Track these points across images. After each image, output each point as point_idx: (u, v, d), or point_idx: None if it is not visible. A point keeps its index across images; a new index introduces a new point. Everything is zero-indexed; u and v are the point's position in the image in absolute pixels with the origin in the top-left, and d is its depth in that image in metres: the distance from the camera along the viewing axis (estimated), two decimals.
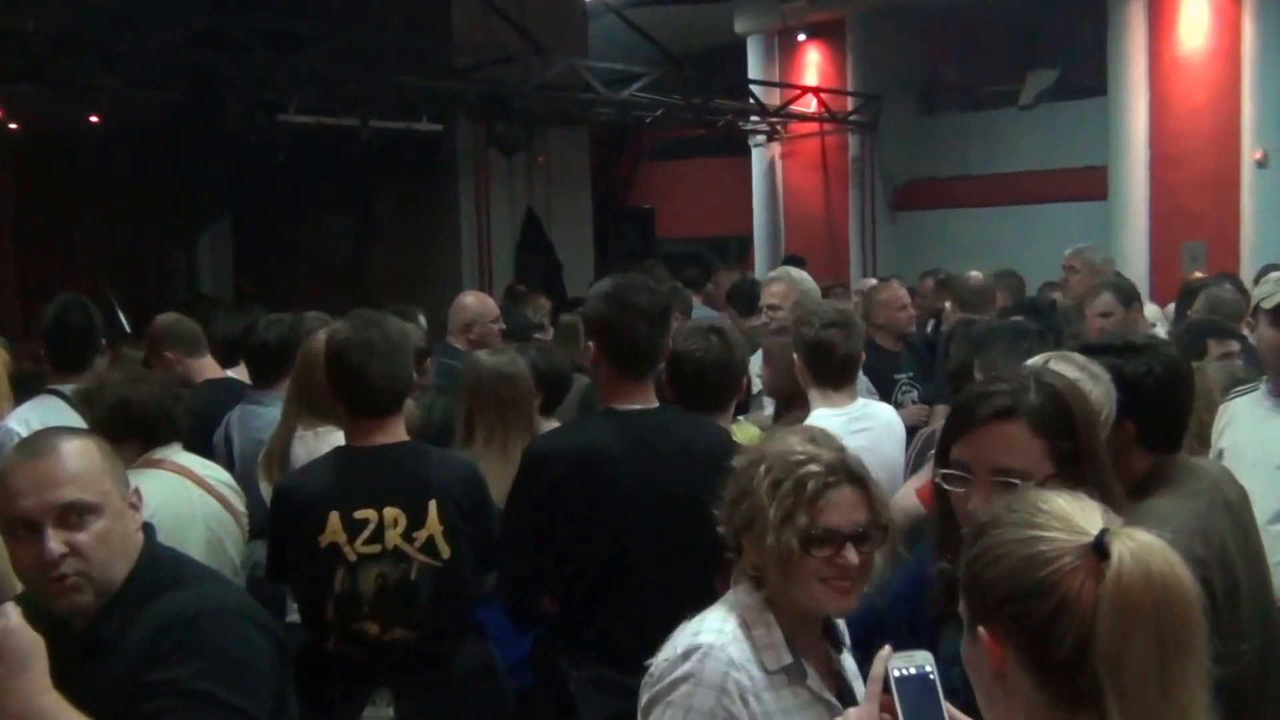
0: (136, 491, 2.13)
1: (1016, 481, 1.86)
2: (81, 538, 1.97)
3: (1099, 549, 1.26)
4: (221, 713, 1.92)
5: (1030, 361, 2.51)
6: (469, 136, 11.49)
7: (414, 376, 3.15)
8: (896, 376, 5.45)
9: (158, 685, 1.91)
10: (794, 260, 11.57)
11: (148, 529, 2.15)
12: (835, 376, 3.67)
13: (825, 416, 3.53)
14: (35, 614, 1.93)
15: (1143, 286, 10.49)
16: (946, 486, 1.92)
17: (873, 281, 8.30)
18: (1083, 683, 1.24)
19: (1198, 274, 8.24)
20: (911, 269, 10.57)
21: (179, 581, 2.07)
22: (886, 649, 1.60)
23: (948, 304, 6.64)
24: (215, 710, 1.92)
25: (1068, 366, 2.42)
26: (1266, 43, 10.50)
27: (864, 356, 3.99)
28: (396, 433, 3.06)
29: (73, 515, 1.97)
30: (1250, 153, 10.68)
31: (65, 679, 1.89)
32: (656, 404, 2.98)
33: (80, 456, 2.02)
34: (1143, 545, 1.27)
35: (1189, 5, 11.02)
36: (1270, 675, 2.66)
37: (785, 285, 5.24)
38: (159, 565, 2.09)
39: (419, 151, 11.15)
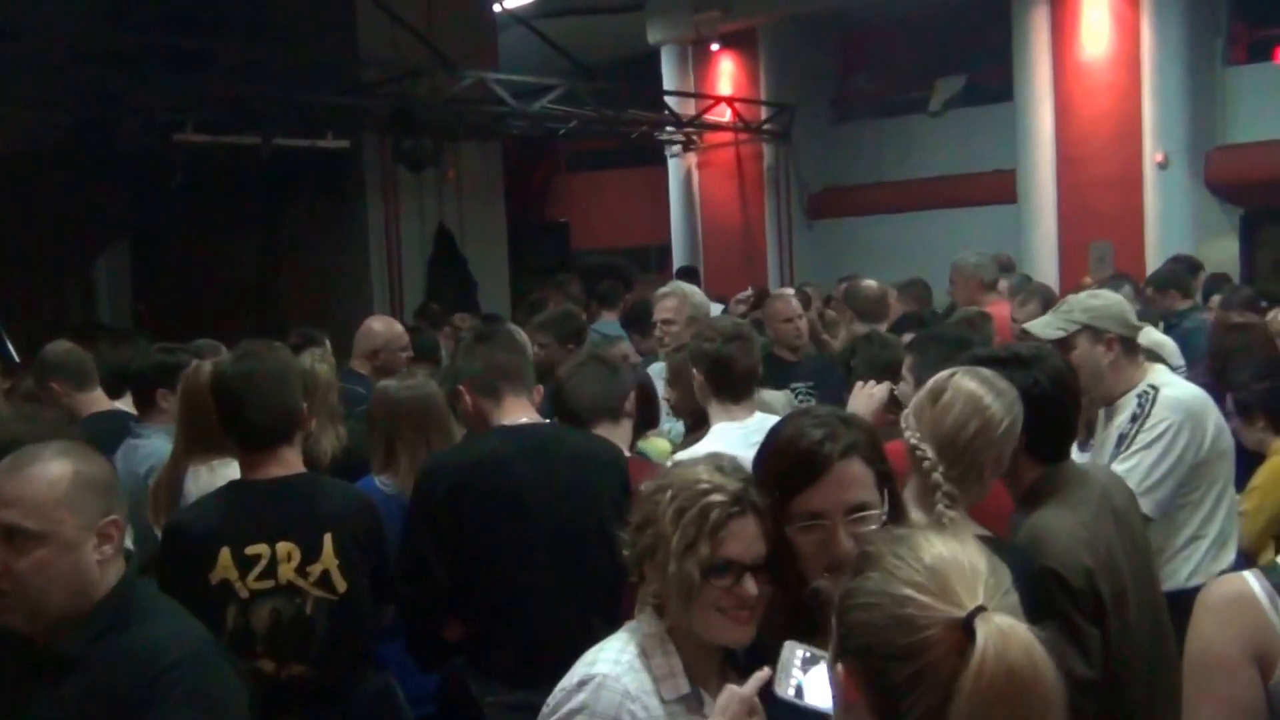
0: (115, 522, 2.12)
1: (872, 513, 1.88)
2: (18, 562, 2.01)
3: (967, 629, 1.25)
4: None
5: (945, 372, 2.52)
6: (376, 153, 11.33)
7: (302, 407, 3.03)
8: (793, 386, 5.44)
9: None
10: (687, 272, 11.62)
11: (128, 558, 2.19)
12: (735, 390, 3.64)
13: (726, 430, 3.51)
14: None
15: (1053, 287, 10.69)
16: (803, 539, 1.89)
17: (789, 291, 8.31)
18: None
19: (1086, 279, 8.40)
20: (828, 275, 10.66)
21: (150, 615, 2.12)
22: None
23: (847, 314, 6.64)
24: None
25: (971, 380, 2.46)
26: (1164, 49, 10.77)
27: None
28: (290, 464, 3.00)
29: (16, 538, 2.01)
30: (1152, 155, 10.94)
31: (20, 692, 1.97)
32: (544, 420, 3.09)
33: (37, 482, 2.04)
34: (1009, 636, 1.25)
35: (1090, 12, 11.26)
36: (1159, 676, 2.68)
37: (677, 300, 5.26)
38: (131, 596, 2.13)
39: (325, 169, 10.97)
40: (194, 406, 3.47)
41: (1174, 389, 3.57)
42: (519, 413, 3.06)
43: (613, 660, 1.92)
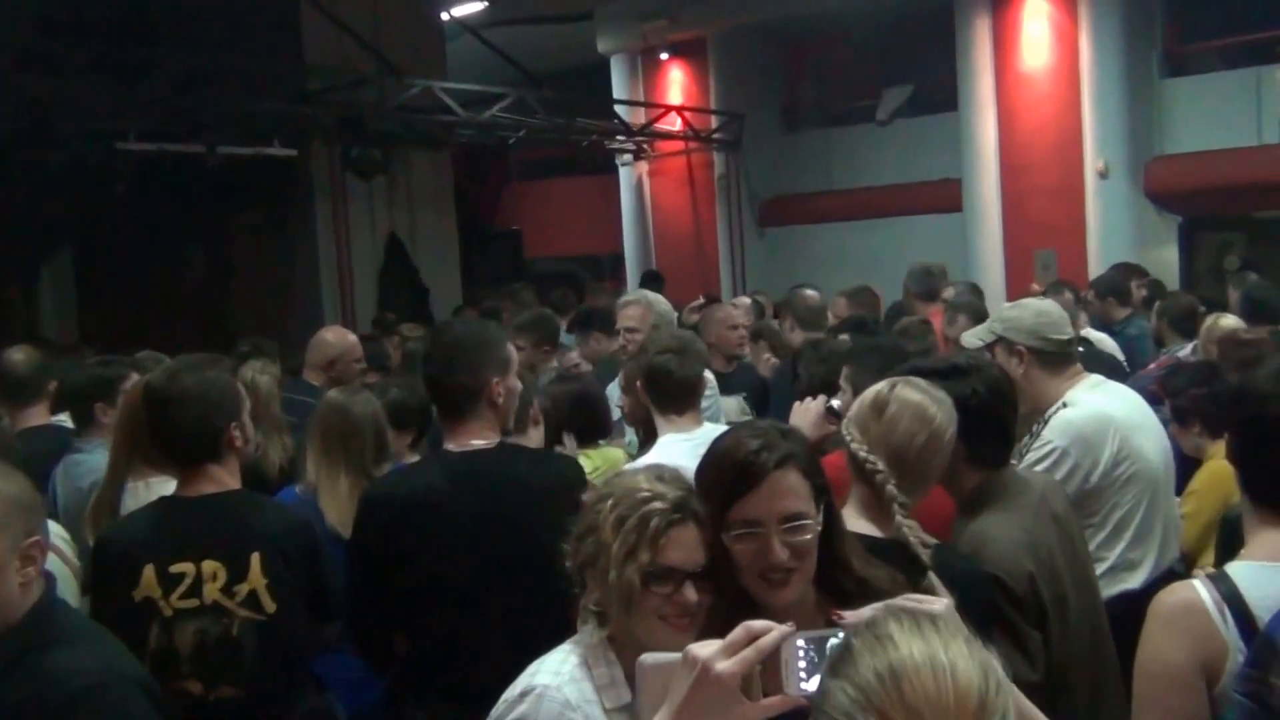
0: (37, 543, 2.09)
1: (806, 523, 1.90)
2: None
3: None
4: None
5: (884, 383, 2.55)
6: (324, 161, 11.24)
7: (231, 423, 2.99)
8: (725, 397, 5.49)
9: None
10: (653, 276, 11.64)
11: (49, 579, 2.15)
12: (676, 402, 3.64)
13: (673, 442, 3.50)
14: None
15: (999, 295, 10.86)
16: (739, 547, 1.90)
17: (746, 300, 8.36)
18: None
19: (1035, 286, 8.51)
20: (780, 283, 10.69)
21: (69, 638, 2.08)
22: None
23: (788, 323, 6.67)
24: None
25: (913, 391, 2.49)
26: (1102, 61, 10.94)
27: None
28: (222, 481, 2.97)
29: None
30: (1093, 165, 11.11)
31: None
32: (494, 442, 2.97)
33: None
34: None
35: (1030, 24, 11.42)
36: (1102, 679, 2.75)
37: (642, 309, 5.22)
38: (50, 618, 2.09)
39: (273, 178, 10.87)
40: (131, 421, 3.43)
41: (1077, 410, 3.44)
42: (471, 434, 2.96)
43: (554, 671, 1.94)
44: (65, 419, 4.51)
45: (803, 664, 1.31)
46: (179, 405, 2.90)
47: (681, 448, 3.34)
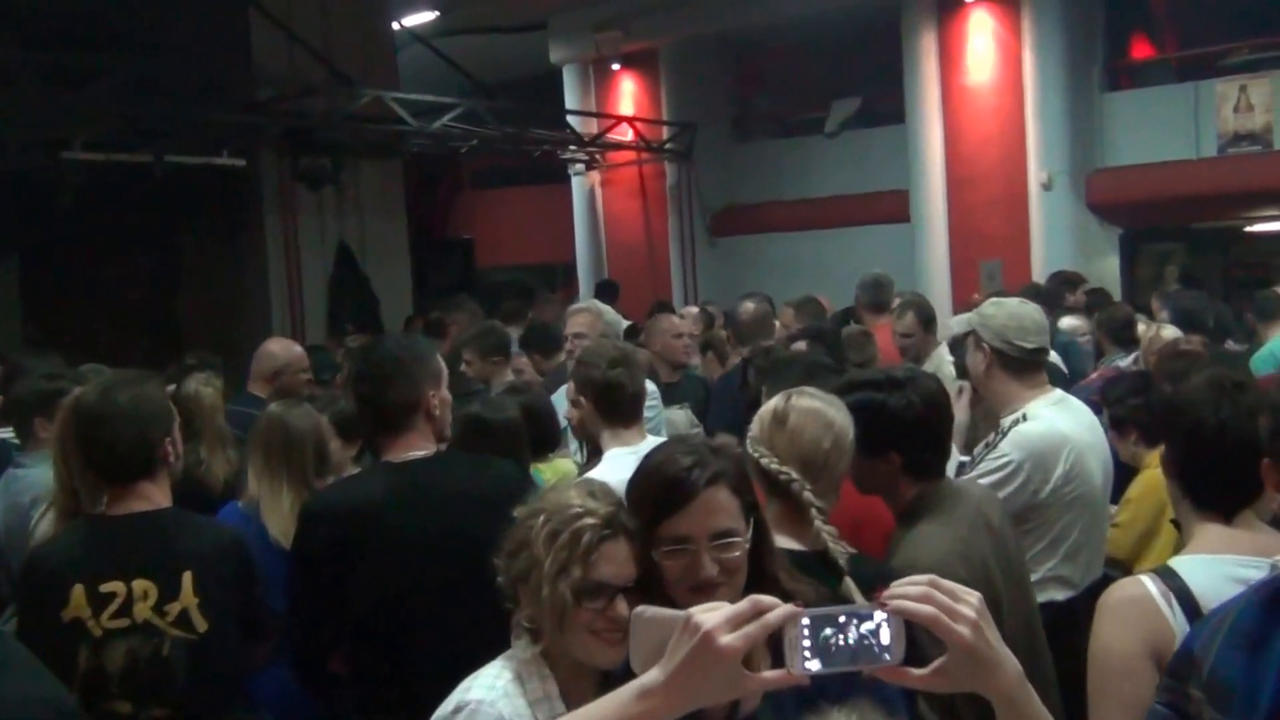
0: None
1: (736, 540, 1.93)
2: None
3: None
4: None
5: (779, 397, 2.58)
6: (274, 171, 11.15)
7: (164, 440, 2.98)
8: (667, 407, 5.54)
9: None
10: (607, 286, 11.67)
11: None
12: (625, 415, 3.67)
13: (619, 455, 3.51)
14: None
15: (945, 304, 11.01)
16: (669, 563, 1.93)
17: (694, 310, 8.43)
18: None
19: (975, 296, 8.66)
20: (731, 293, 10.72)
21: None
22: None
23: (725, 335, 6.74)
24: None
25: (809, 399, 2.56)
26: (1045, 75, 11.12)
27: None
28: (153, 499, 2.94)
29: None
30: (1036, 176, 11.27)
31: None
32: (432, 451, 2.97)
33: None
34: None
35: (975, 39, 11.59)
36: (1036, 684, 2.76)
37: (591, 316, 5.27)
38: None
39: (222, 187, 10.75)
40: (68, 435, 3.41)
41: (1034, 424, 3.47)
42: (409, 446, 2.95)
43: (487, 686, 1.94)
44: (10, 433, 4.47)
45: (807, 643, 1.29)
46: (113, 422, 2.86)
47: (627, 461, 3.30)
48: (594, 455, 4.11)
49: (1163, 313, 7.07)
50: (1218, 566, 2.11)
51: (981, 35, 11.53)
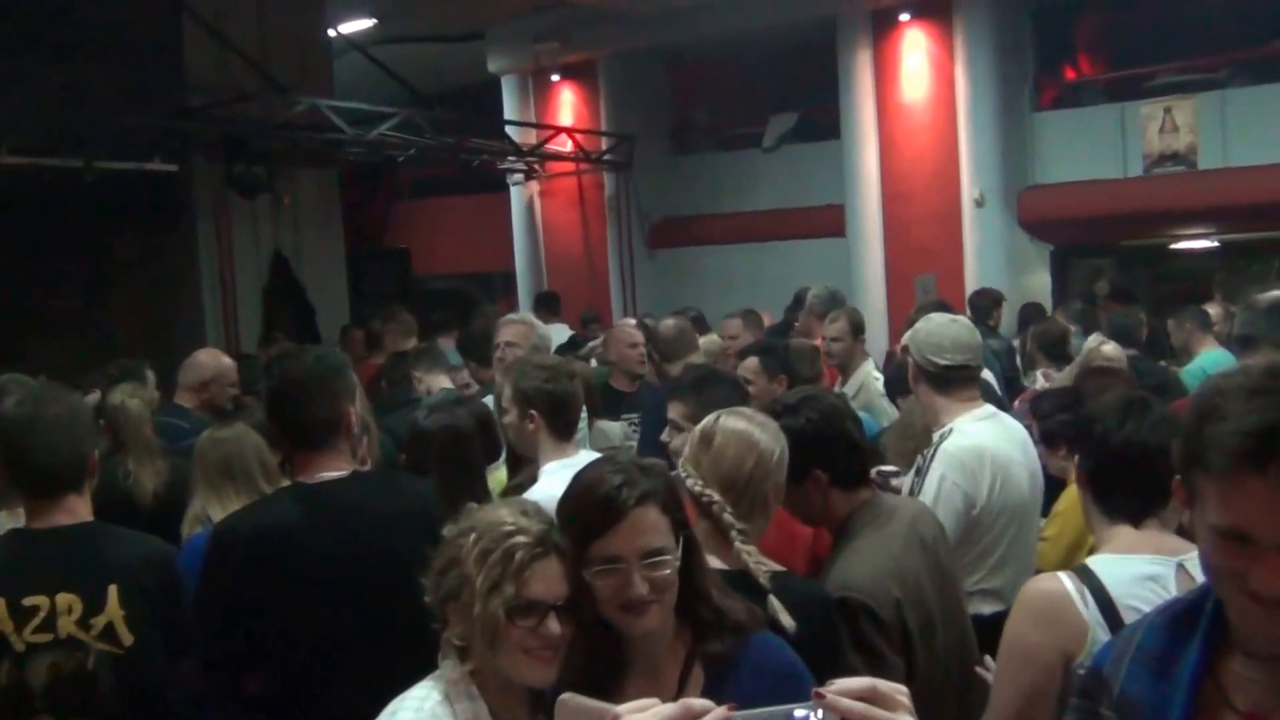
0: None
1: (666, 558, 1.95)
2: None
3: None
4: None
5: (709, 417, 2.60)
6: (207, 178, 10.98)
7: (91, 453, 2.94)
8: (625, 416, 5.54)
9: None
10: (550, 297, 11.64)
11: None
12: (569, 428, 3.66)
13: (559, 469, 3.49)
14: None
15: (881, 318, 11.15)
16: (600, 582, 1.94)
17: (631, 321, 8.43)
18: None
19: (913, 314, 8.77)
20: (669, 305, 10.78)
21: None
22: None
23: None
24: None
25: (736, 419, 2.60)
26: (977, 94, 11.31)
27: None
28: (78, 512, 2.90)
29: None
30: (969, 193, 11.46)
31: None
32: (347, 472, 2.92)
33: None
34: None
35: (909, 57, 11.76)
36: (969, 701, 2.80)
37: (526, 327, 5.24)
38: None
39: (153, 194, 10.56)
40: None
41: (958, 439, 3.52)
42: (326, 465, 2.89)
43: (415, 708, 1.94)
44: None
45: None
46: (40, 434, 2.82)
47: (567, 475, 3.35)
48: (517, 466, 4.09)
49: (1074, 327, 7.22)
50: (1129, 565, 2.21)
51: (915, 53, 11.69)
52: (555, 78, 14.70)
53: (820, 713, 1.20)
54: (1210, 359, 6.32)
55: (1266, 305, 3.90)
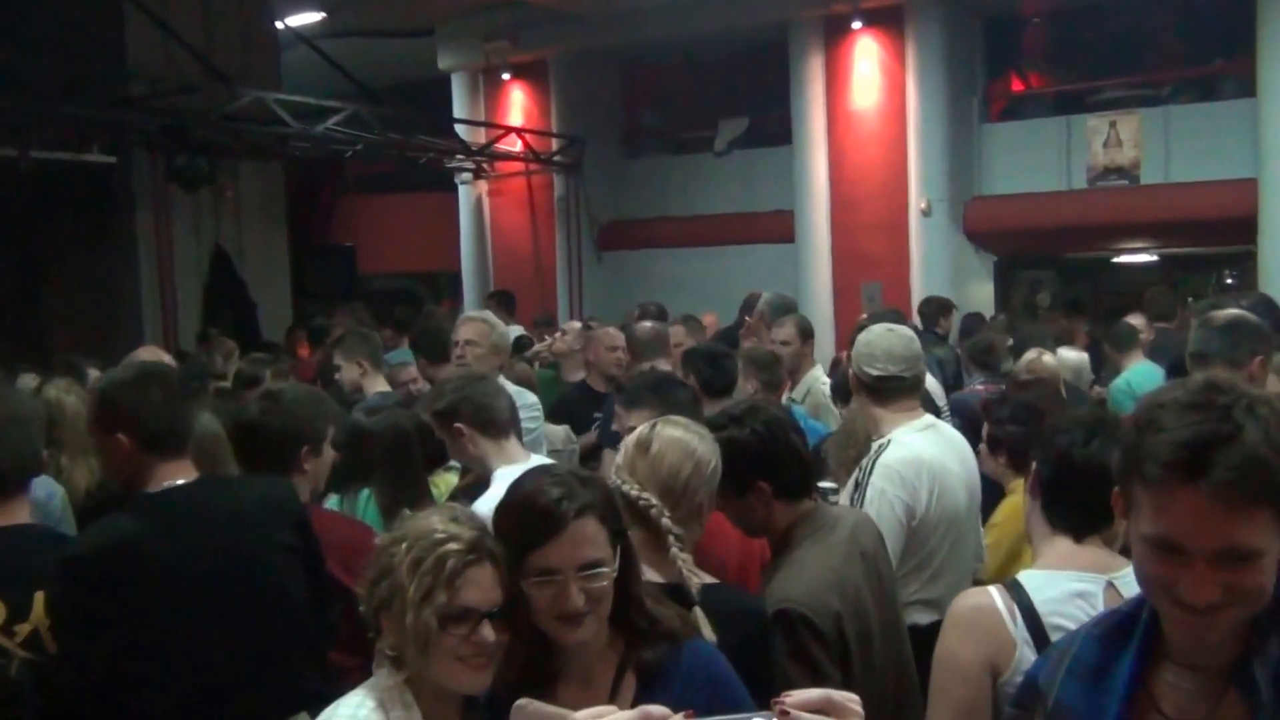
0: None
1: (603, 570, 1.95)
2: None
3: None
4: None
5: (644, 425, 2.60)
6: (147, 170, 10.80)
7: (40, 452, 2.84)
8: (595, 415, 5.56)
9: None
10: (505, 297, 11.55)
11: None
12: (499, 427, 3.58)
13: (513, 473, 3.40)
14: None
15: (828, 324, 11.19)
16: (537, 592, 1.93)
17: (577, 324, 8.40)
18: None
19: (863, 316, 8.80)
20: (617, 307, 10.78)
21: None
22: None
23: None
24: None
25: (674, 428, 2.59)
26: (926, 104, 11.43)
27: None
28: (13, 515, 2.79)
29: None
30: (916, 202, 11.56)
31: None
32: (192, 478, 2.84)
33: None
34: None
35: (860, 64, 11.85)
36: (905, 710, 2.83)
37: (487, 326, 5.16)
38: None
39: (91, 185, 10.40)
40: None
41: (893, 452, 3.52)
42: (171, 474, 2.81)
43: (349, 716, 1.92)
44: None
45: None
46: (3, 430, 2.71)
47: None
48: (468, 469, 4.03)
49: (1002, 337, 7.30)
50: (1059, 581, 2.24)
51: (866, 61, 11.78)
52: (506, 76, 14.63)
53: None
54: (1137, 374, 6.39)
55: (1222, 323, 3.91)
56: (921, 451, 3.54)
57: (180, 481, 2.80)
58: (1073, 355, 6.65)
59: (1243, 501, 1.40)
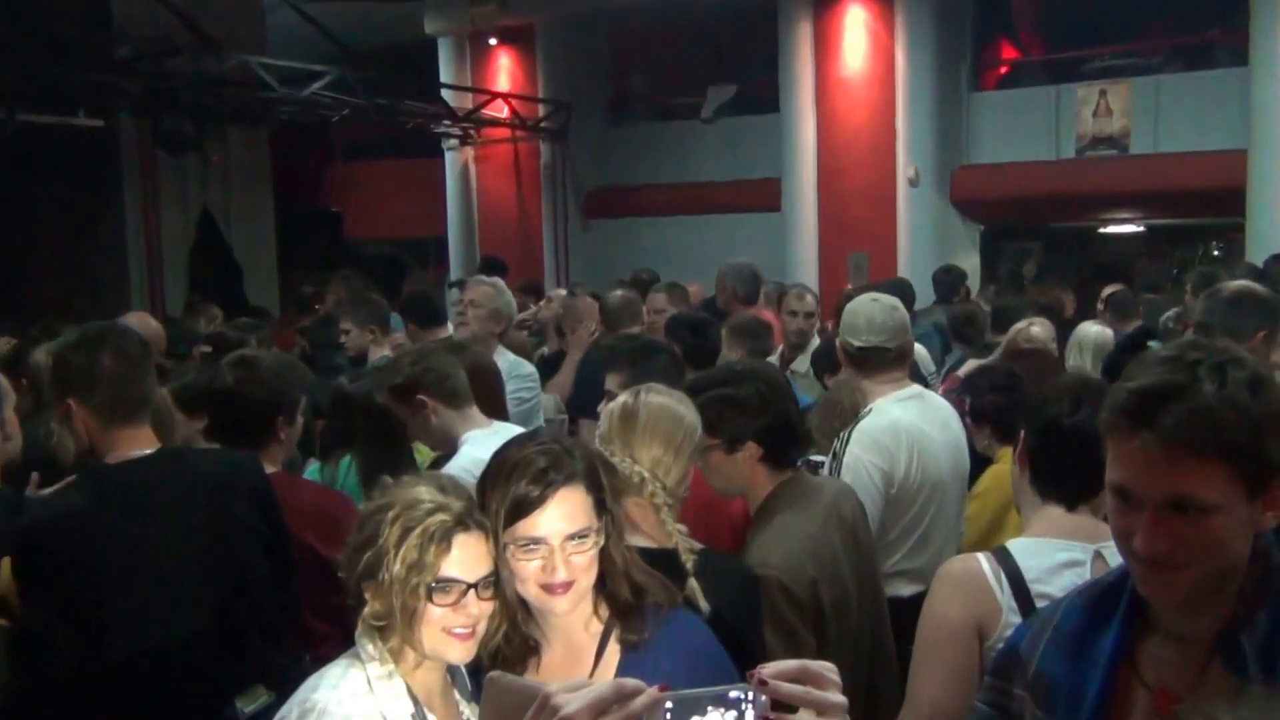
0: None
1: (589, 539, 1.94)
2: None
3: None
4: None
5: (623, 395, 2.61)
6: (134, 134, 10.72)
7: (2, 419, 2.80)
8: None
9: None
10: (497, 263, 11.51)
11: None
12: (462, 396, 3.53)
13: (485, 436, 3.39)
14: None
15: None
16: (523, 561, 1.93)
17: (562, 292, 8.39)
18: None
19: (849, 286, 8.81)
20: (603, 275, 10.74)
21: None
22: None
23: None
24: None
25: (656, 395, 2.57)
26: (915, 72, 11.38)
27: None
28: None
29: None
30: (904, 171, 11.53)
31: None
32: (151, 449, 2.81)
33: None
34: None
35: (850, 32, 11.77)
36: (880, 681, 2.88)
37: (492, 290, 5.24)
38: None
39: (78, 149, 10.31)
40: None
41: (872, 420, 3.52)
42: (131, 443, 2.76)
43: (333, 686, 1.91)
44: None
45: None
46: None
47: (495, 440, 3.31)
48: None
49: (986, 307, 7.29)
50: (1047, 549, 2.25)
51: (856, 29, 11.72)
52: (492, 41, 14.53)
53: (753, 694, 1.22)
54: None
55: (1229, 295, 3.90)
56: (900, 419, 3.53)
57: (140, 453, 2.75)
58: (1094, 329, 6.17)
59: (1188, 451, 1.41)
